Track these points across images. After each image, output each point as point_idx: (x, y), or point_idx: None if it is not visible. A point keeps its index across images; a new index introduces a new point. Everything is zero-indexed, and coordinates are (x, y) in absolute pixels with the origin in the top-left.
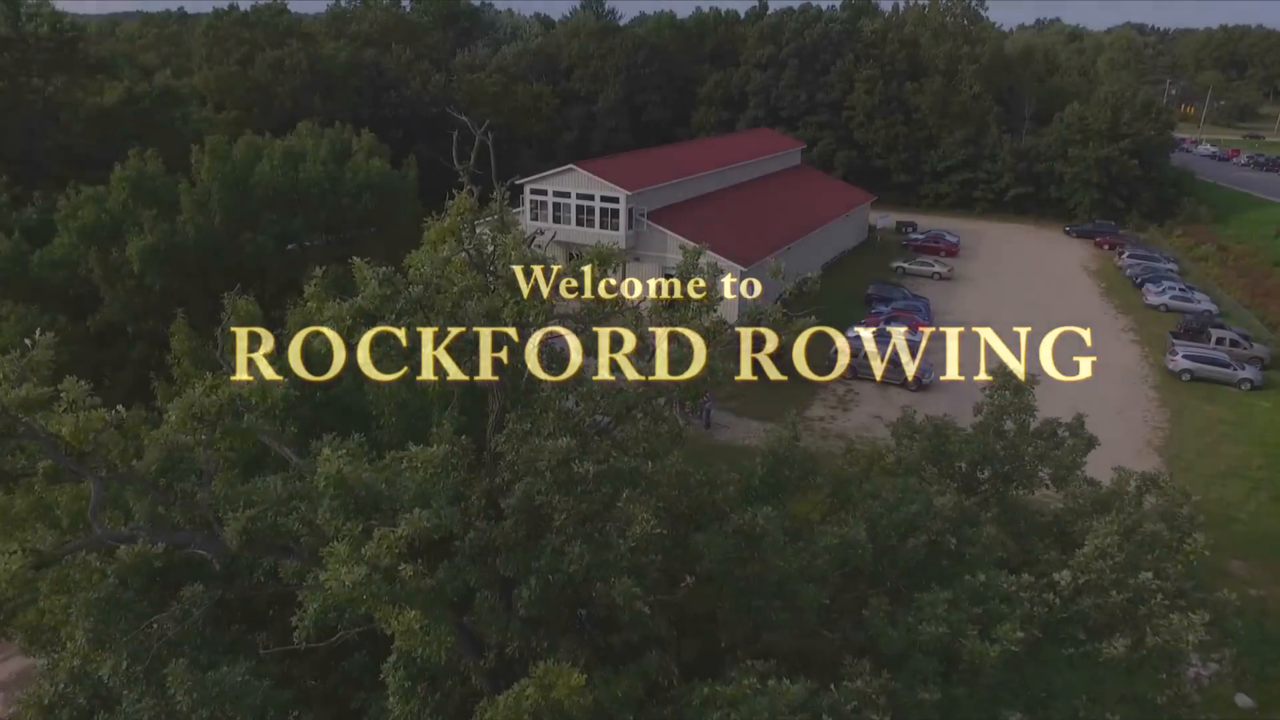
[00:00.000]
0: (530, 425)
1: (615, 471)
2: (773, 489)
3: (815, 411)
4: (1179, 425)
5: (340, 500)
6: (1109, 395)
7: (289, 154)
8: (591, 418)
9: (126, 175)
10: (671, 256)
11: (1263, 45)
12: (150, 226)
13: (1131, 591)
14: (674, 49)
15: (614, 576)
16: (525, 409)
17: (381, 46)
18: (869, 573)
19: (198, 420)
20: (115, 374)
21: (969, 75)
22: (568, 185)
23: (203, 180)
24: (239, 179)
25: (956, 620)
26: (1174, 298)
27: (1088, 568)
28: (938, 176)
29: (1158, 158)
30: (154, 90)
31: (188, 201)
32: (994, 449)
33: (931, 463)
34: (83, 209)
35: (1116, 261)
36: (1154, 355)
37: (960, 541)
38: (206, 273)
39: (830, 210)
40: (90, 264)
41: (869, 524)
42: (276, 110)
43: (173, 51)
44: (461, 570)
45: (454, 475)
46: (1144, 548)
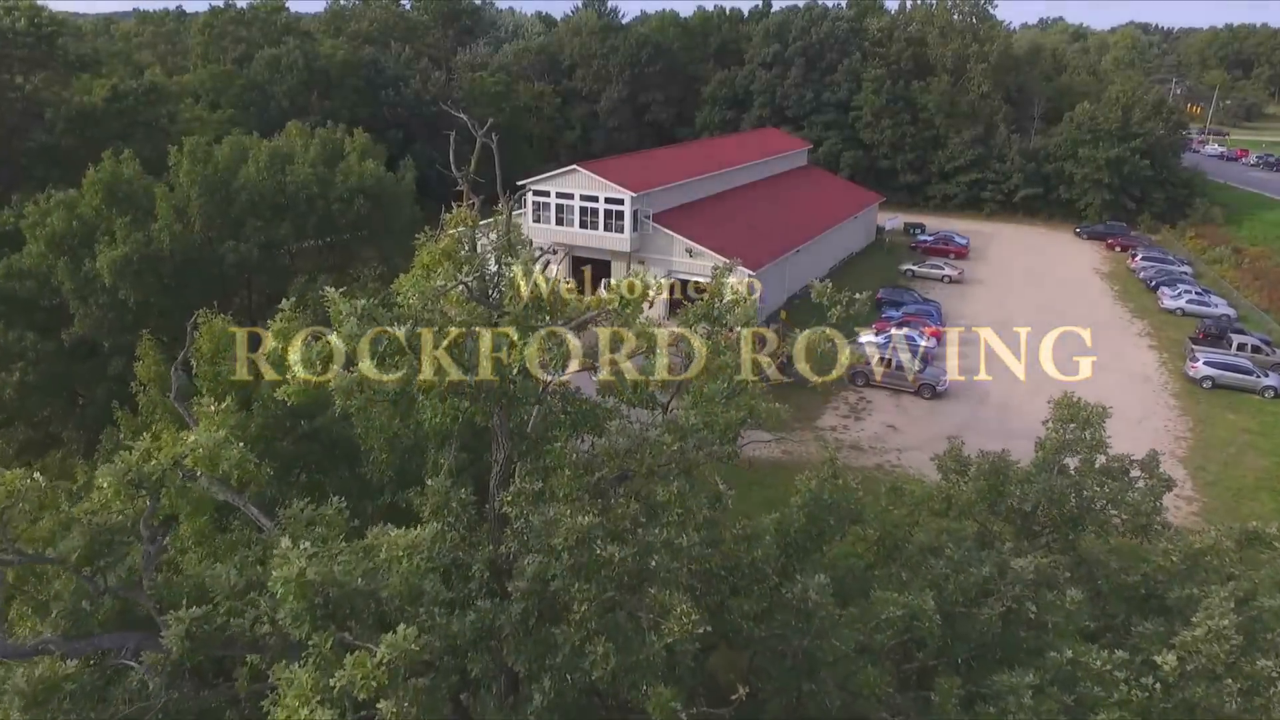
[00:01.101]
0: (542, 484)
1: (646, 546)
2: (814, 539)
3: (827, 420)
4: (1201, 435)
5: (305, 604)
6: (1128, 403)
7: (275, 155)
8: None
9: (99, 179)
10: (678, 260)
11: (1269, 45)
12: (123, 235)
13: (1248, 680)
14: (678, 47)
15: (647, 683)
16: (535, 459)
17: (381, 45)
18: (935, 645)
19: (135, 488)
20: (90, 391)
21: (977, 74)
22: (571, 186)
23: (180, 184)
24: (221, 183)
25: (1046, 711)
26: (1191, 302)
27: (1197, 650)
28: (945, 177)
29: (1169, 158)
30: (139, 87)
31: (164, 208)
32: (1060, 491)
33: (987, 504)
34: (52, 215)
35: (1129, 264)
36: (1172, 361)
37: (1040, 607)
38: (185, 285)
39: (838, 212)
40: (59, 275)
41: (932, 585)
42: (273, 110)
43: (169, 50)
44: (459, 659)
45: (450, 538)
46: (1260, 624)
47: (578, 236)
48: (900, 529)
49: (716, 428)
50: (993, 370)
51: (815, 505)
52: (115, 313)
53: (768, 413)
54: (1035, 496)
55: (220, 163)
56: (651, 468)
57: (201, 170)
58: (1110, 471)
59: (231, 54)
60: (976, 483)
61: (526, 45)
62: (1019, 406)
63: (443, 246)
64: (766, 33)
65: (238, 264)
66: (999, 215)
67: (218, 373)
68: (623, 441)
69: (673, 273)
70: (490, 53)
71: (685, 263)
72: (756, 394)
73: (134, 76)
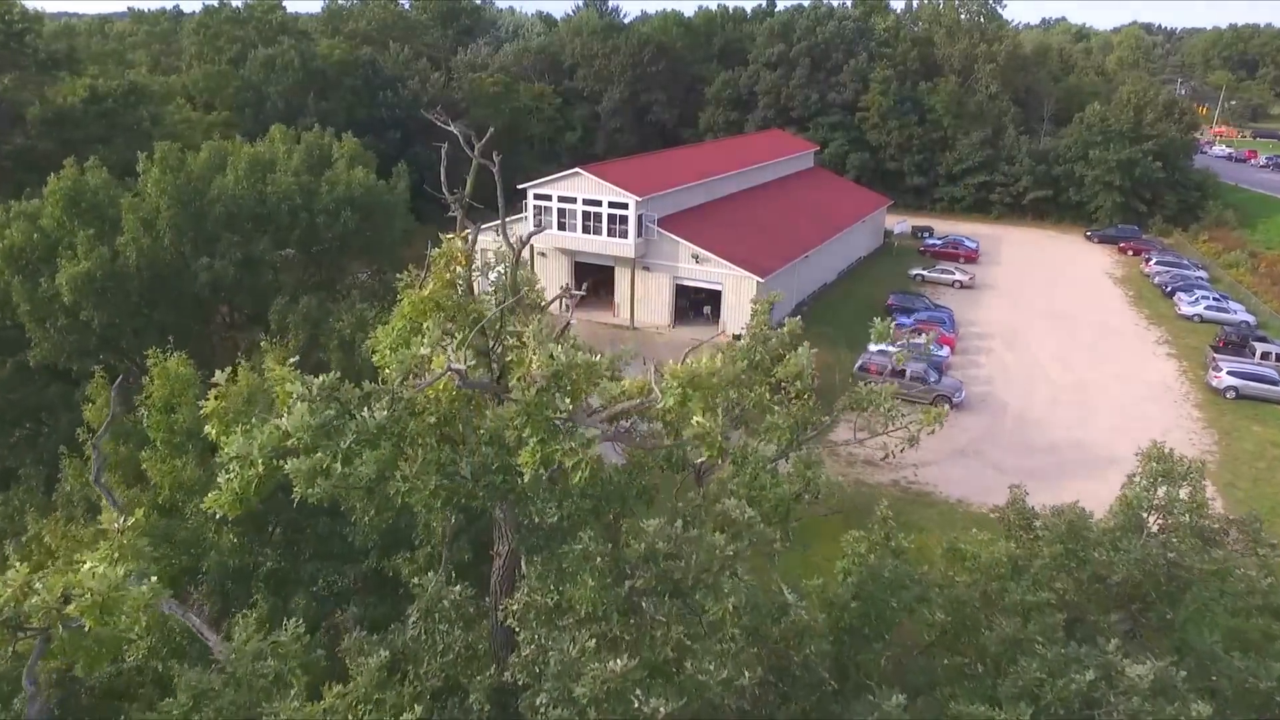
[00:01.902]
0: (559, 596)
1: (698, 687)
2: (873, 623)
3: (840, 434)
4: (1228, 450)
5: None
6: (1150, 415)
7: (255, 163)
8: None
9: (61, 187)
10: (684, 266)
11: (1273, 45)
12: (85, 249)
13: None
14: (680, 48)
15: None
16: (548, 558)
17: (379, 45)
18: None
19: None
20: (55, 419)
21: (985, 74)
22: (573, 190)
23: (149, 194)
24: (195, 193)
25: None
26: (1209, 308)
27: None
28: (953, 179)
29: (1180, 159)
30: (119, 88)
31: (131, 219)
32: (1154, 560)
33: (1065, 572)
34: (10, 227)
35: (1143, 268)
36: (1193, 370)
37: None
38: (156, 304)
39: (847, 215)
40: (15, 295)
41: (1024, 695)
42: (268, 111)
43: (163, 50)
44: None
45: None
46: None
47: (580, 242)
48: (969, 607)
49: (765, 503)
50: (1009, 379)
51: (873, 583)
52: (77, 335)
53: (827, 486)
54: (1125, 567)
55: (194, 170)
56: (699, 577)
57: (173, 179)
58: (1203, 533)
59: (226, 54)
60: (1052, 546)
61: (527, 45)
62: (1038, 418)
63: (429, 292)
64: (771, 32)
65: (212, 282)
66: (1007, 218)
67: (172, 423)
68: (662, 545)
69: (678, 279)
70: (490, 53)
71: (692, 269)
72: (813, 460)
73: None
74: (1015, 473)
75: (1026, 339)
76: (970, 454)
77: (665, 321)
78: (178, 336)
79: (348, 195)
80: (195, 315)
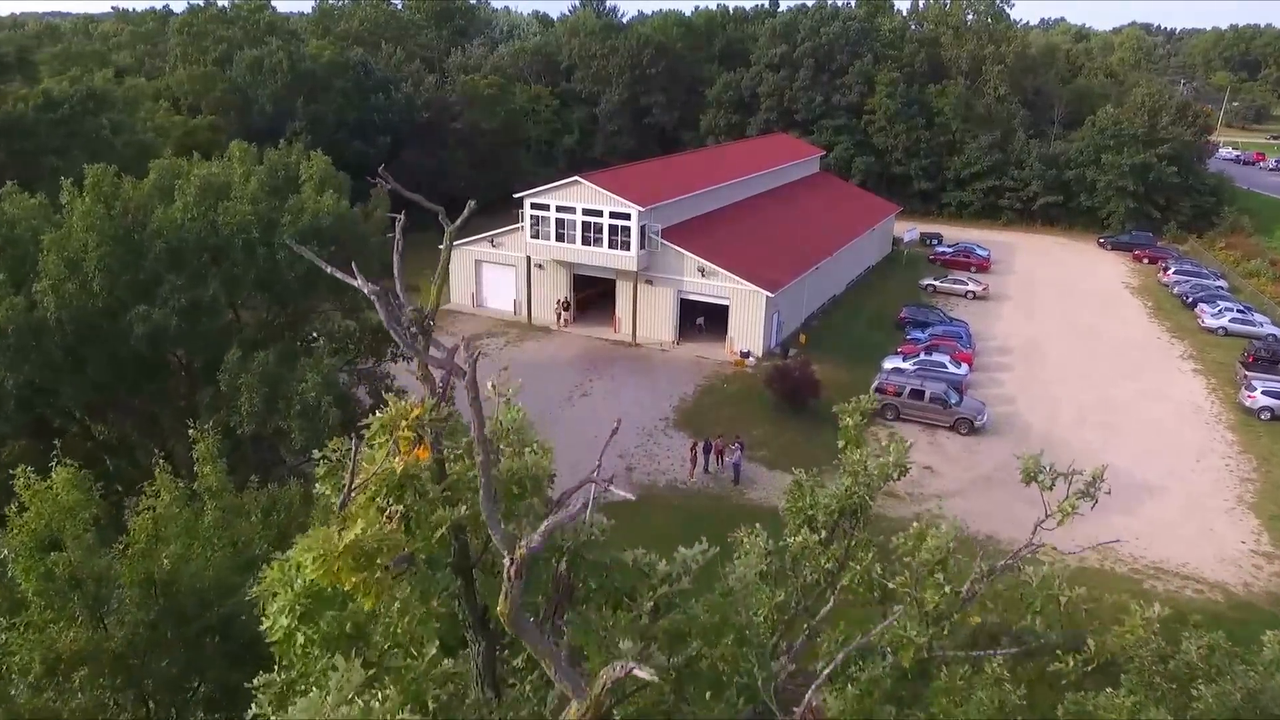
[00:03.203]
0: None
1: None
2: None
3: None
4: (1269, 477)
5: None
6: (1182, 438)
7: (207, 188)
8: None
9: None
10: (689, 279)
11: (1275, 46)
12: None
13: None
14: (680, 48)
15: None
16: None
17: (370, 45)
18: None
19: None
20: None
21: (993, 76)
22: (572, 199)
23: (75, 229)
24: (133, 226)
25: None
26: (1234, 320)
27: None
28: (961, 184)
29: (1194, 163)
30: (76, 94)
31: (51, 261)
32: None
33: None
34: None
35: (1160, 277)
36: (1222, 388)
37: None
38: (86, 361)
39: (856, 223)
40: None
41: None
42: (255, 114)
43: (148, 51)
44: None
45: None
46: None
47: (580, 254)
48: None
49: None
50: (1031, 399)
51: None
52: None
53: None
54: None
55: (132, 199)
56: None
57: (104, 211)
58: None
59: (212, 55)
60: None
61: (523, 46)
62: (1064, 440)
63: (364, 497)
64: (773, 33)
65: (149, 335)
66: (1017, 224)
67: (50, 570)
68: None
69: (682, 292)
70: (485, 54)
71: (697, 282)
72: None
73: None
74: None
75: (1046, 354)
76: (996, 483)
77: (669, 338)
78: (121, 396)
79: (314, 225)
80: (140, 371)
